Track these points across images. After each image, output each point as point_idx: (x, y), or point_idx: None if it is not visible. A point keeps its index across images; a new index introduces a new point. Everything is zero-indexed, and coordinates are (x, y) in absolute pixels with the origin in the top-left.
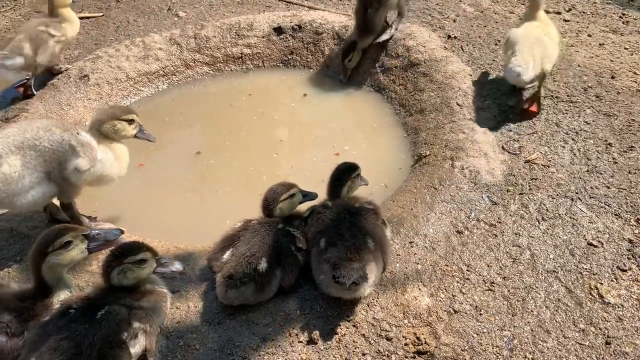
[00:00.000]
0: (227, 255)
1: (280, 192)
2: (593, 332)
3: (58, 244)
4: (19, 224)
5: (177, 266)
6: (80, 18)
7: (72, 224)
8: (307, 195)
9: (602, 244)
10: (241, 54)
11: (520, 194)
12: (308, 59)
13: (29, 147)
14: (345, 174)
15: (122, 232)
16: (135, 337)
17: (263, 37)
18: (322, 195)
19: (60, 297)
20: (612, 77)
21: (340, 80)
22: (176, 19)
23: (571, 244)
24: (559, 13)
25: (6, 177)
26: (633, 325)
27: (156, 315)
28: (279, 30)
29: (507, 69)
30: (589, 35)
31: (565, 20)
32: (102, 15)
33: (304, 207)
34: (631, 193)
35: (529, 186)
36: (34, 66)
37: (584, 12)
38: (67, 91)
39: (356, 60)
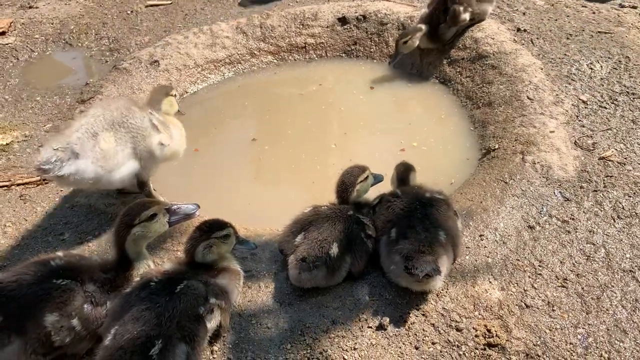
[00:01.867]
0: (299, 238)
1: (357, 174)
2: None
3: (144, 216)
4: (96, 201)
5: (251, 245)
6: (150, 6)
7: (152, 199)
8: (376, 177)
9: None
10: (305, 43)
11: (595, 191)
12: (371, 50)
13: (119, 124)
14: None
15: (198, 207)
16: (211, 312)
17: (327, 27)
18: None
19: (140, 271)
20: None
21: (389, 63)
22: (242, 8)
23: None
24: (634, 7)
25: (105, 153)
26: None
27: (230, 292)
28: (343, 21)
29: None
30: None
31: None
32: (171, 3)
33: (371, 195)
34: None
35: (604, 183)
36: None
37: None
38: (139, 75)
39: (411, 47)
